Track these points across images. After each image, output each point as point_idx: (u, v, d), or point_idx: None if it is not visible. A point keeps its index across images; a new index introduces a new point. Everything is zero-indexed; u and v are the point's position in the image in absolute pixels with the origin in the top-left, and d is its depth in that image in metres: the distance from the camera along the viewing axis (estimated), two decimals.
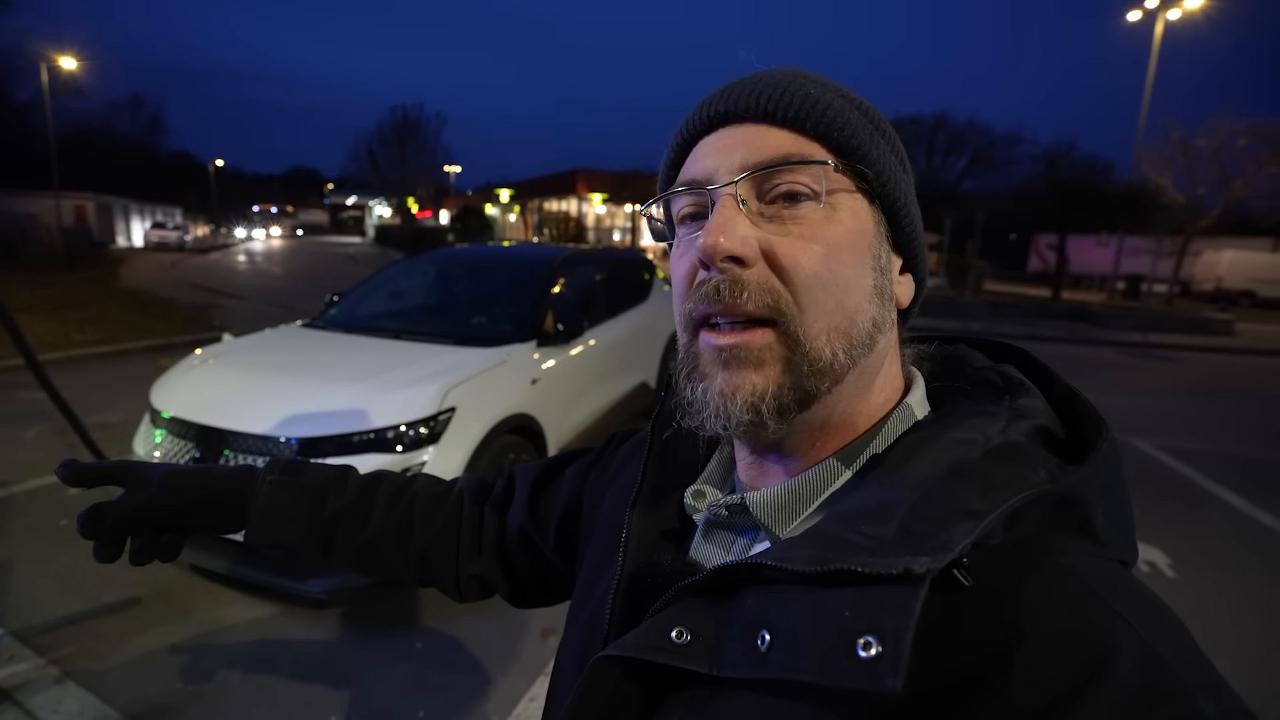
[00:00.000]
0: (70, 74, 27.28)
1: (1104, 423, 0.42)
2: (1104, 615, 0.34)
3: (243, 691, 2.25)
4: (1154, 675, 0.31)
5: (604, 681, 0.41)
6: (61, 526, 3.29)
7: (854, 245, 0.43)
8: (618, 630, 0.47)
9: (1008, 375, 0.48)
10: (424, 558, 0.73)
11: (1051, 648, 0.33)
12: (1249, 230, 24.23)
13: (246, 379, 2.84)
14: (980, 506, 0.35)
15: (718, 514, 0.48)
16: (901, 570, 0.32)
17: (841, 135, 0.43)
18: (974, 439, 0.40)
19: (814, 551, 0.36)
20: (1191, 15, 17.39)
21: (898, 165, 0.46)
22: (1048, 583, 0.35)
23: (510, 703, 2.24)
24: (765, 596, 0.37)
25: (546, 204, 33.11)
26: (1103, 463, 0.40)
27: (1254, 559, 3.49)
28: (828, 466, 0.45)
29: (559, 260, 4.04)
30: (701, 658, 0.38)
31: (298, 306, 10.78)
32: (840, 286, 0.42)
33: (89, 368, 6.73)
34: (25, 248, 18.05)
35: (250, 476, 0.70)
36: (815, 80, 0.46)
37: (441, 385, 2.70)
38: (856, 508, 0.39)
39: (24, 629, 2.50)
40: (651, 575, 0.48)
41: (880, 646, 0.31)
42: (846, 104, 0.45)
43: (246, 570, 2.53)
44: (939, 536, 0.34)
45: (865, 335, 0.43)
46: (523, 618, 2.70)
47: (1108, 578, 0.37)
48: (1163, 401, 7.29)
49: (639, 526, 0.52)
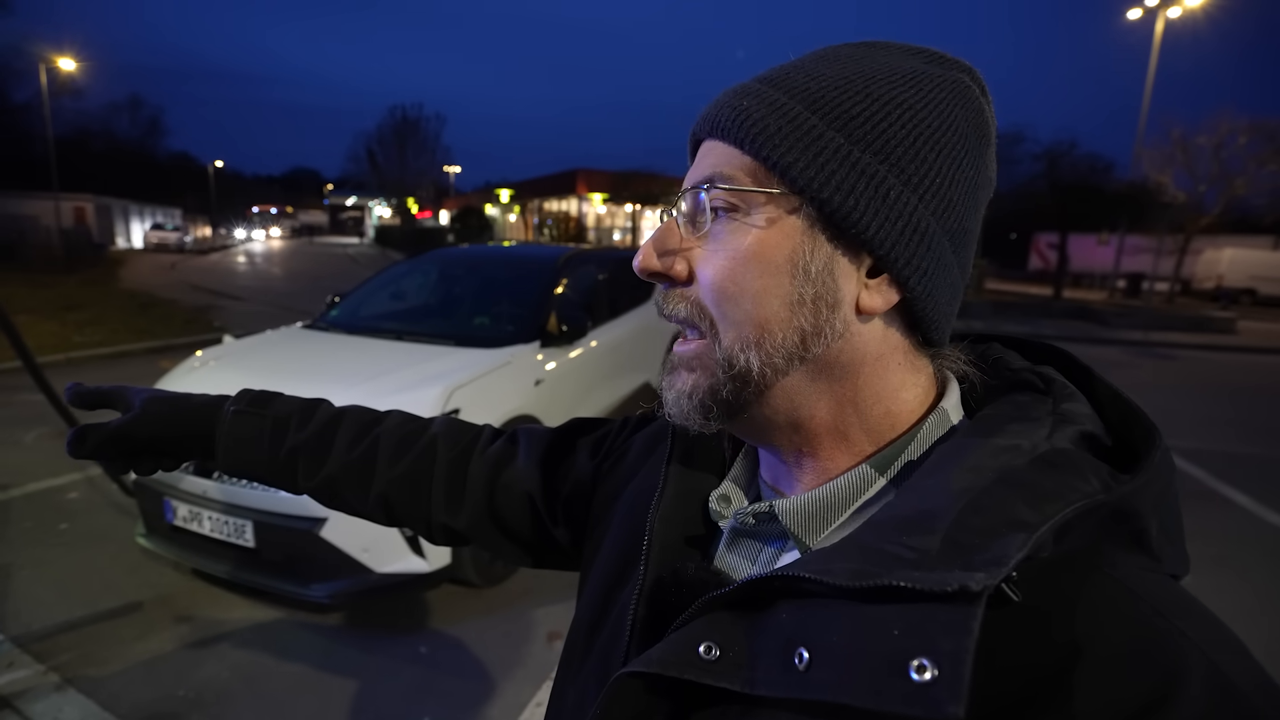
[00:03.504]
0: (69, 75, 27.29)
1: (1156, 429, 0.40)
2: (1168, 634, 0.32)
3: (245, 698, 2.22)
4: (1224, 697, 0.30)
5: (627, 698, 0.40)
6: (61, 531, 3.27)
7: (763, 256, 0.42)
8: (639, 643, 0.46)
9: (1048, 378, 0.45)
10: (387, 499, 0.72)
11: (1114, 669, 0.31)
12: (1250, 228, 24.29)
13: (247, 381, 2.76)
14: (1031, 518, 0.33)
15: (744, 522, 0.46)
16: (957, 588, 0.30)
17: (754, 145, 0.42)
18: (1019, 445, 0.38)
19: (855, 564, 0.34)
20: (1192, 13, 17.36)
21: (871, 160, 0.41)
22: (1104, 599, 0.34)
23: (516, 708, 2.22)
24: (802, 611, 0.36)
25: (546, 204, 33.12)
26: (1157, 472, 0.38)
27: (1262, 558, 3.47)
28: (860, 473, 0.43)
29: (562, 260, 4.01)
30: (733, 675, 0.36)
31: (298, 307, 10.76)
32: (747, 298, 0.42)
33: (89, 369, 6.71)
34: (24, 249, 18.01)
35: (220, 406, 0.72)
36: (778, 80, 0.44)
37: (445, 387, 2.68)
38: (895, 517, 0.37)
39: (24, 635, 2.47)
40: (675, 585, 0.46)
41: (936, 670, 0.29)
42: (790, 105, 0.42)
43: (249, 575, 2.50)
44: (990, 550, 0.32)
45: (791, 344, 0.42)
46: (528, 622, 2.68)
47: (1166, 594, 0.35)
48: (1166, 400, 7.29)
49: (661, 532, 0.50)
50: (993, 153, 0.46)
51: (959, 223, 0.43)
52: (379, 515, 0.73)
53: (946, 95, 0.43)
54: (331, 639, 2.56)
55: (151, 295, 12.65)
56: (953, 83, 0.44)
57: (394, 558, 2.47)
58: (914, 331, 0.45)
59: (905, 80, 0.42)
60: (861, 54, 0.45)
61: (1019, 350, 0.51)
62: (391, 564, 2.47)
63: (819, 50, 0.46)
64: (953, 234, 0.43)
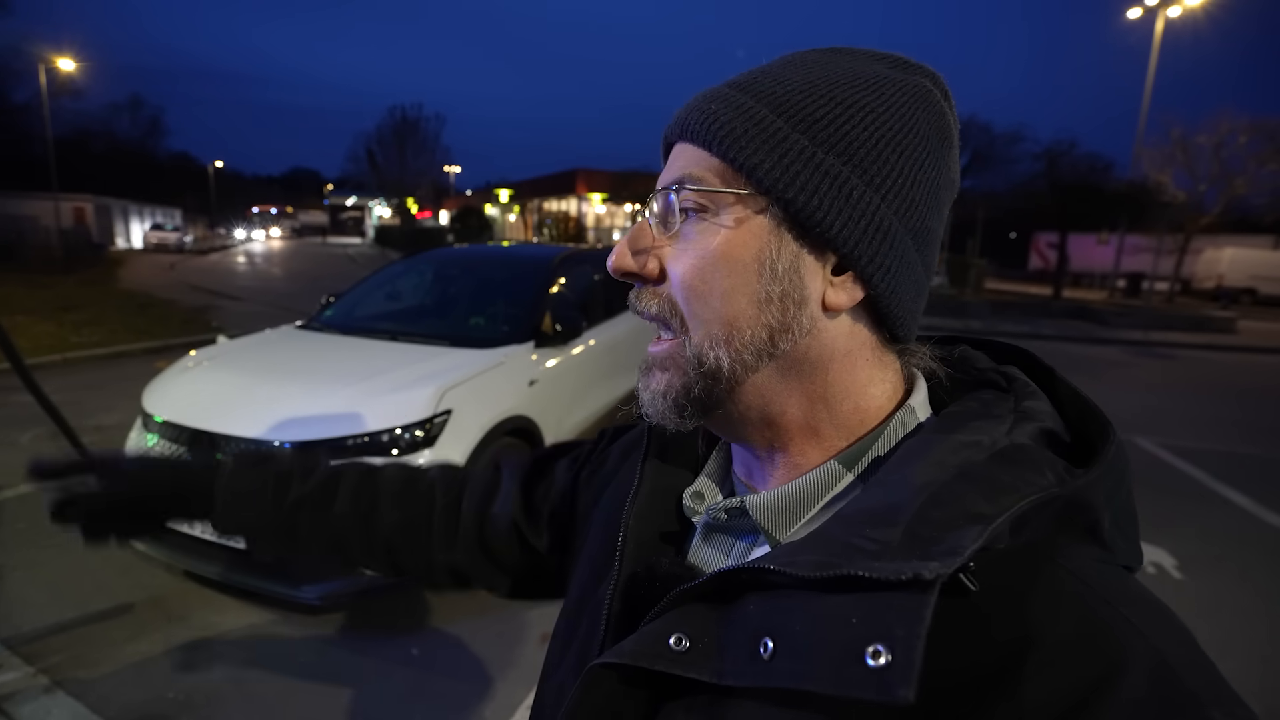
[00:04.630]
0: (69, 75, 27.30)
1: (1110, 425, 0.42)
2: (1115, 623, 0.33)
3: (236, 700, 2.21)
4: (1166, 686, 0.31)
5: (601, 689, 0.41)
6: (54, 532, 3.25)
7: (731, 255, 0.43)
8: (614, 636, 0.47)
9: (1011, 376, 0.47)
10: (390, 545, 0.73)
11: (1062, 656, 0.32)
12: (1250, 228, 24.28)
13: (240, 382, 2.79)
14: (987, 510, 0.35)
15: (716, 517, 0.48)
16: (910, 576, 0.31)
17: (721, 147, 0.43)
18: (979, 441, 0.40)
19: (818, 556, 0.35)
20: (1192, 12, 17.35)
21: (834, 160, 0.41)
22: (1056, 589, 0.35)
23: (508, 709, 2.21)
24: (768, 602, 0.37)
25: (546, 204, 33.12)
26: (1110, 466, 0.39)
27: (1262, 559, 3.45)
28: (829, 469, 0.44)
29: (557, 260, 4.00)
30: (702, 665, 0.37)
31: (296, 307, 10.75)
32: (716, 296, 0.43)
33: (86, 370, 6.69)
34: (23, 250, 18.00)
35: (215, 464, 0.73)
36: (746, 84, 0.45)
37: (438, 387, 2.67)
38: (860, 511, 0.38)
39: (13, 637, 2.46)
40: (649, 579, 0.48)
41: (890, 655, 0.30)
42: (756, 108, 0.43)
43: (240, 576, 2.49)
44: (946, 541, 0.33)
45: (760, 341, 0.43)
46: (521, 623, 2.67)
47: (1116, 585, 0.36)
48: (1166, 400, 7.26)
49: (636, 529, 0.52)
50: (955, 155, 0.47)
51: (921, 221, 0.44)
52: (384, 564, 0.75)
53: (908, 99, 0.44)
54: (323, 641, 2.54)
55: (150, 295, 12.64)
56: (914, 87, 0.45)
57: None
58: (880, 328, 0.46)
59: (868, 85, 0.44)
60: (828, 59, 0.46)
61: (985, 350, 0.52)
62: None
63: (787, 56, 0.48)
64: (915, 232, 0.44)
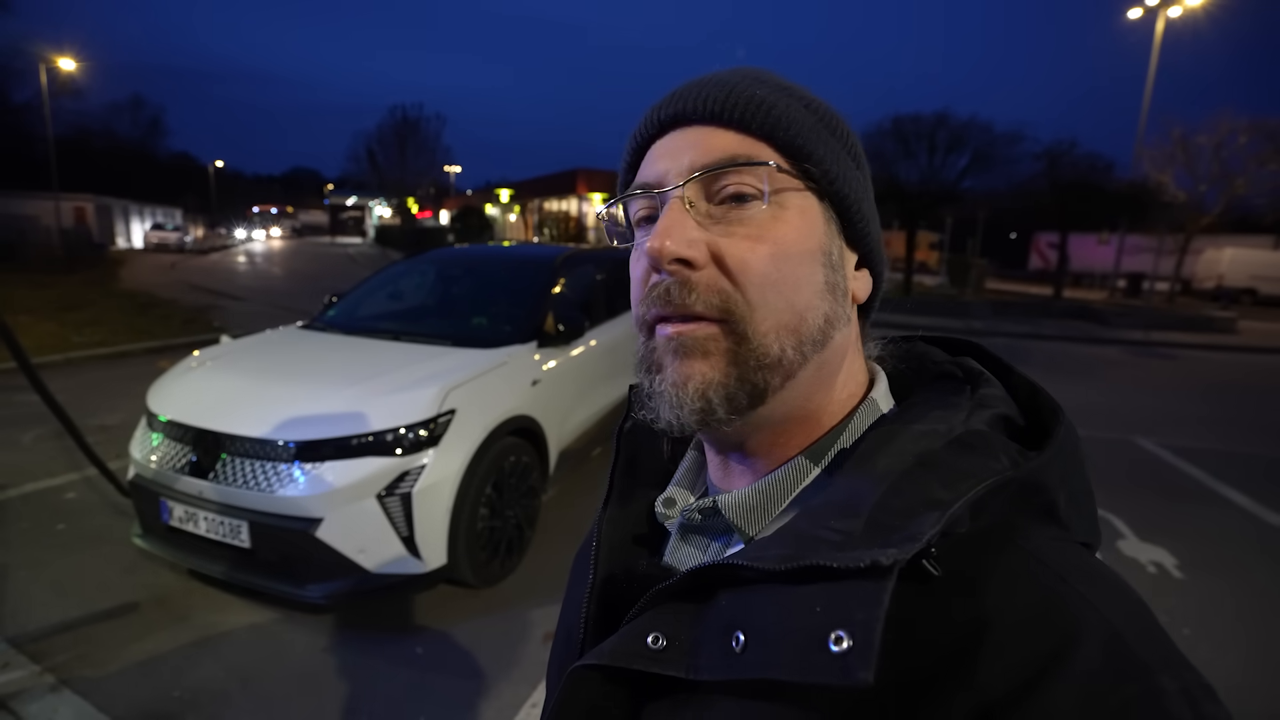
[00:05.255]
0: (69, 75, 27.28)
1: (1060, 409, 0.43)
2: (1069, 599, 0.34)
3: (241, 699, 2.22)
4: (1117, 656, 0.32)
5: (583, 690, 0.42)
6: (58, 531, 3.27)
7: (802, 243, 0.43)
8: (593, 638, 0.48)
9: (967, 367, 0.49)
10: None
11: (1018, 633, 0.33)
12: (1250, 228, 24.23)
13: (244, 381, 2.80)
14: (945, 496, 0.36)
15: (691, 519, 0.48)
16: (869, 563, 0.32)
17: (787, 135, 0.43)
18: (937, 429, 0.41)
19: (785, 550, 0.36)
20: (1192, 12, 17.33)
21: (850, 162, 0.46)
22: (1013, 569, 0.36)
23: (513, 708, 2.22)
24: (739, 597, 0.37)
25: (546, 204, 33.09)
26: (1061, 447, 0.40)
27: (1263, 559, 3.46)
28: (796, 465, 0.45)
29: (559, 260, 4.00)
30: (679, 662, 0.38)
31: (297, 307, 10.76)
32: (789, 285, 0.43)
33: (88, 370, 6.70)
34: (24, 249, 18.01)
35: None
36: (764, 80, 0.46)
37: (441, 387, 2.67)
38: (826, 504, 0.39)
39: (19, 635, 2.47)
40: (626, 581, 0.48)
41: (850, 640, 0.31)
42: (794, 103, 0.45)
43: (245, 575, 2.50)
44: (906, 528, 0.34)
45: (817, 331, 0.44)
46: (525, 622, 2.67)
47: (1072, 561, 0.37)
48: (1166, 400, 7.26)
49: (610, 534, 0.53)
50: None
51: (878, 230, 0.50)
52: None
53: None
54: (327, 640, 2.55)
55: (151, 295, 12.64)
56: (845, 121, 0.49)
57: (390, 558, 2.46)
58: (863, 323, 0.50)
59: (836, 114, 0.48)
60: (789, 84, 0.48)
61: (940, 346, 0.54)
62: (387, 565, 2.46)
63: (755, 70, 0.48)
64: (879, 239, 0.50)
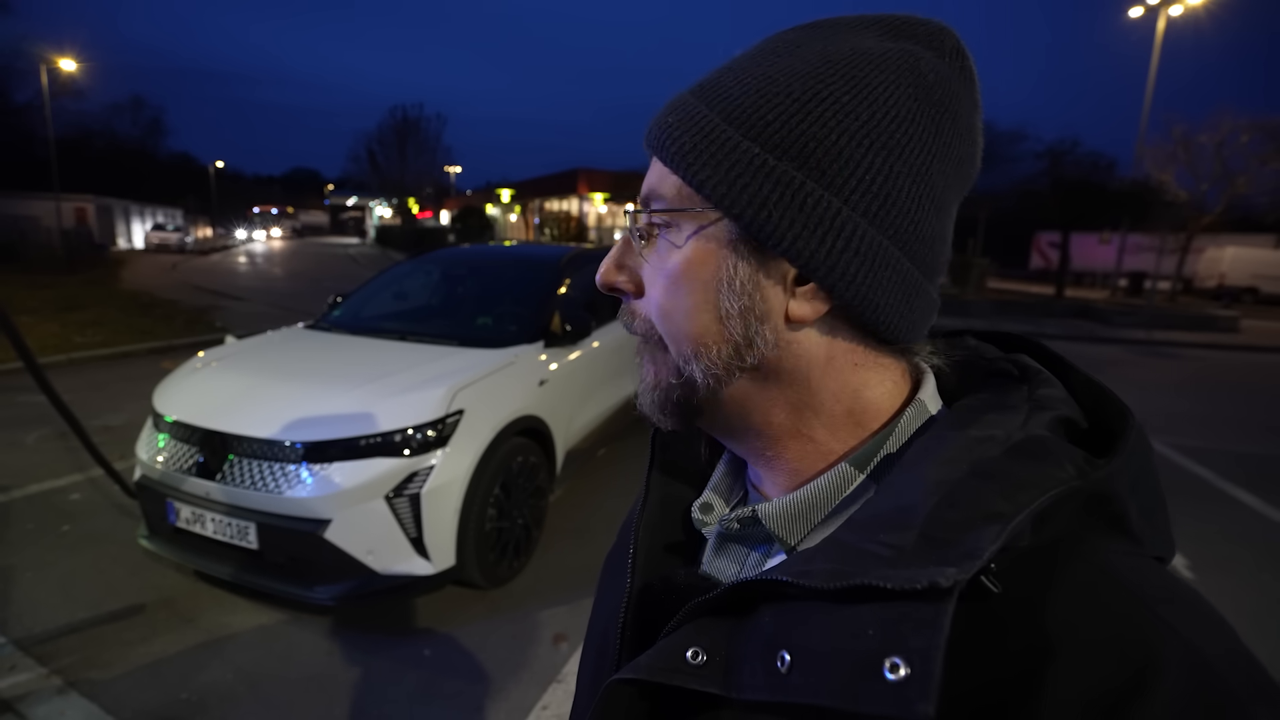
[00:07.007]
0: (70, 76, 27.30)
1: (1128, 411, 0.40)
2: (1146, 620, 0.32)
3: (249, 701, 2.21)
4: (1204, 685, 0.29)
5: (618, 705, 0.40)
6: (64, 532, 3.26)
7: (691, 273, 0.42)
8: (630, 650, 0.46)
9: (1023, 365, 0.45)
10: None
11: (1091, 658, 0.30)
12: (1252, 227, 24.22)
13: (250, 382, 2.79)
14: (1005, 508, 0.33)
15: (729, 527, 0.46)
16: (926, 584, 0.30)
17: (675, 164, 0.42)
18: (994, 435, 0.38)
19: (832, 565, 0.34)
20: (1194, 11, 17.31)
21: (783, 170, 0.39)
22: (1082, 586, 0.33)
23: (522, 711, 2.20)
24: (784, 614, 0.35)
25: (547, 204, 33.10)
26: (1132, 453, 0.37)
27: (1270, 558, 3.45)
28: (841, 471, 0.43)
29: (565, 260, 4.00)
30: (719, 679, 0.36)
31: (299, 307, 10.76)
32: (681, 314, 0.43)
33: (90, 370, 6.69)
34: (25, 250, 18.03)
35: None
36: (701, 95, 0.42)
37: (449, 387, 2.66)
38: (874, 514, 0.36)
39: (25, 638, 2.46)
40: (664, 592, 0.47)
41: (908, 668, 0.29)
42: (704, 122, 0.41)
43: (252, 577, 2.49)
44: (964, 543, 0.31)
45: (727, 356, 0.42)
46: (534, 624, 2.66)
47: (1147, 578, 0.34)
48: (1170, 399, 7.26)
49: (646, 541, 0.51)
50: (963, 125, 0.41)
51: (906, 217, 0.40)
52: None
53: (886, 76, 0.39)
54: (335, 642, 2.54)
55: (153, 296, 12.63)
56: (898, 58, 0.39)
57: (398, 560, 2.45)
58: (866, 332, 0.43)
59: (835, 70, 0.39)
60: (802, 40, 0.42)
61: (993, 342, 0.50)
62: (395, 566, 2.45)
63: (762, 42, 0.44)
64: (897, 231, 0.40)
